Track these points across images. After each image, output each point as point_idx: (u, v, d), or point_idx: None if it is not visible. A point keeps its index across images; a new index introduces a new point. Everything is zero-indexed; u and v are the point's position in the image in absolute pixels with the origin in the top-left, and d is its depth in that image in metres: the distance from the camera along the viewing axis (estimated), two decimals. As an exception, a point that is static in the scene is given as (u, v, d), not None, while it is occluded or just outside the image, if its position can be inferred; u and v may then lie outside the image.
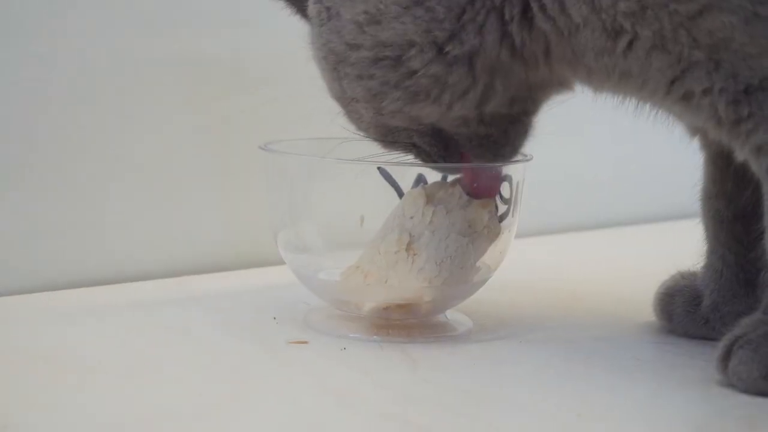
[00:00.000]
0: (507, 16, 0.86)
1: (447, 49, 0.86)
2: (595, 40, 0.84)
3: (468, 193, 0.96)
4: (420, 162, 0.95)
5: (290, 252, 1.01)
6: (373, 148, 0.95)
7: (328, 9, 0.90)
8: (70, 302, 1.07)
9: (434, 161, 0.94)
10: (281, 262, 1.03)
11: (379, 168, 0.97)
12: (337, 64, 0.90)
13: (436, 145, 0.93)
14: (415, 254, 0.94)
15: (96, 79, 1.15)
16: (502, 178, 0.98)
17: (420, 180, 0.98)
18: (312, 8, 0.92)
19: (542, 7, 0.85)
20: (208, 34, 1.21)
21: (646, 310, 1.04)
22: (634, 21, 0.82)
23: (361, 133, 0.96)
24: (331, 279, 0.99)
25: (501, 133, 0.93)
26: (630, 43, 0.83)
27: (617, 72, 0.86)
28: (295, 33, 0.96)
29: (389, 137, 0.94)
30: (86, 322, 1.00)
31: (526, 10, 0.86)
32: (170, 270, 1.20)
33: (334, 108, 0.96)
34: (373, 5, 0.87)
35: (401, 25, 0.86)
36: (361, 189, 0.98)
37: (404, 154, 0.95)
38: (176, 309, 1.05)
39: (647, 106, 0.91)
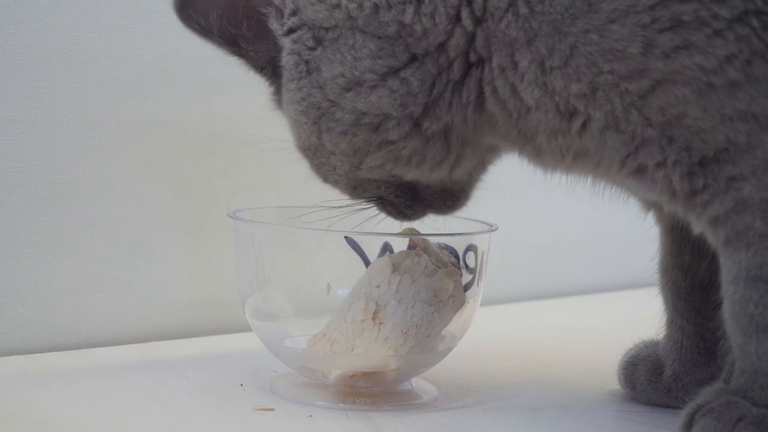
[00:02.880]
0: (465, 100, 0.88)
1: (425, 126, 0.88)
2: (549, 121, 0.86)
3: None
4: (387, 213, 0.97)
5: (257, 319, 1.01)
6: (340, 217, 0.97)
7: (307, 62, 0.89)
8: (38, 366, 1.07)
9: (401, 212, 0.96)
10: (249, 329, 1.03)
11: (346, 237, 0.98)
12: (319, 118, 0.90)
13: (403, 197, 0.95)
14: (381, 323, 0.95)
15: (64, 141, 1.16)
16: (467, 248, 0.99)
17: (386, 249, 0.99)
18: (288, 59, 0.91)
19: (494, 91, 0.87)
20: (177, 98, 1.22)
21: (611, 378, 1.05)
22: (586, 103, 0.84)
23: (327, 184, 0.96)
24: (298, 346, 1.00)
25: (461, 188, 0.96)
26: (584, 124, 0.85)
27: (572, 152, 0.88)
28: (264, 97, 0.97)
29: (358, 190, 0.95)
30: (53, 387, 1.00)
31: (480, 95, 0.88)
32: (138, 335, 1.20)
33: (302, 174, 0.97)
34: (349, 69, 0.88)
35: (377, 98, 0.88)
36: (328, 257, 0.99)
37: (369, 205, 0.97)
38: (144, 375, 1.05)
39: (602, 183, 0.93)
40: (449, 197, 0.97)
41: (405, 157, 0.90)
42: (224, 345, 1.19)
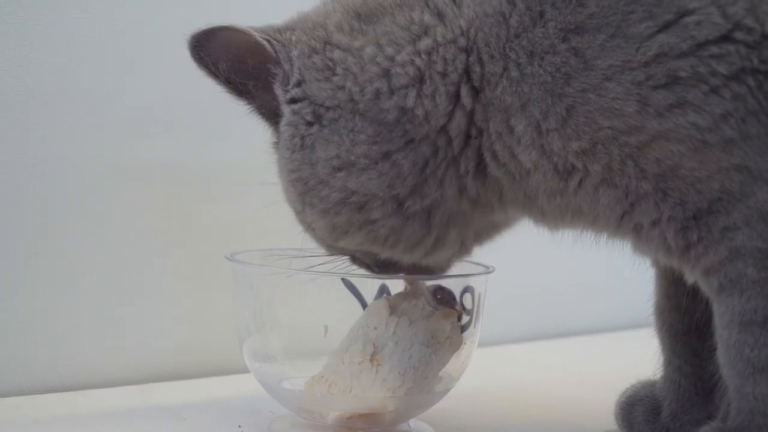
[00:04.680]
0: (462, 170, 0.89)
1: (407, 204, 0.89)
2: (547, 182, 0.87)
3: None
4: (357, 266, 0.97)
5: (255, 361, 1.01)
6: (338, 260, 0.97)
7: (302, 138, 0.90)
8: (36, 407, 1.07)
9: (371, 269, 0.97)
10: (247, 371, 1.03)
11: (343, 279, 0.98)
12: (305, 193, 0.91)
13: (375, 262, 0.96)
14: (378, 364, 0.95)
15: (62, 183, 1.16)
16: (464, 289, 0.99)
17: (383, 291, 1.00)
18: (285, 129, 0.92)
19: (494, 155, 0.88)
20: (175, 141, 1.23)
21: (608, 418, 1.05)
22: (585, 159, 0.85)
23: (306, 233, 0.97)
24: (296, 388, 1.00)
25: (440, 266, 0.97)
26: (580, 182, 0.86)
27: (570, 211, 0.88)
28: (263, 144, 0.98)
29: (333, 249, 0.96)
30: (51, 429, 1.00)
31: (479, 162, 0.89)
32: (136, 377, 1.20)
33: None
34: (345, 152, 0.88)
35: (367, 180, 0.88)
36: (326, 299, 0.99)
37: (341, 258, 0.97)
38: (142, 416, 1.05)
39: (604, 236, 0.93)
40: (428, 270, 0.97)
41: (382, 237, 0.91)
42: (222, 387, 1.19)
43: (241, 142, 1.16)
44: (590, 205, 0.87)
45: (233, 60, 0.92)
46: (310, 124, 0.90)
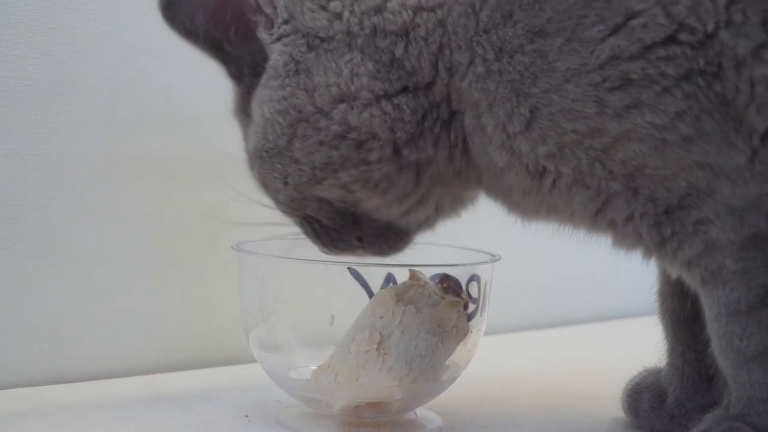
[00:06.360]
0: (452, 140, 0.89)
1: (404, 152, 0.88)
2: (521, 182, 0.87)
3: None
4: (310, 236, 0.95)
5: (262, 350, 1.01)
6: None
7: (297, 63, 0.88)
8: (43, 399, 1.08)
9: (327, 236, 0.94)
10: (253, 360, 1.03)
11: (349, 268, 0.98)
12: (297, 122, 0.88)
13: (338, 222, 0.93)
14: (385, 353, 0.95)
15: (67, 175, 1.16)
16: (470, 278, 0.99)
17: (389, 280, 1.00)
18: (277, 58, 0.89)
19: (474, 145, 0.88)
20: (180, 132, 1.23)
21: (614, 406, 1.05)
22: (555, 161, 0.85)
23: (265, 193, 0.95)
24: (303, 377, 1.00)
25: (405, 232, 0.95)
26: (554, 182, 0.86)
27: (545, 207, 0.89)
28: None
29: (294, 205, 0.93)
30: (58, 420, 1.00)
31: (465, 140, 0.89)
32: (142, 367, 1.20)
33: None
34: (345, 82, 0.87)
35: (369, 117, 0.87)
36: (332, 289, 0.99)
37: (293, 225, 0.96)
38: (148, 407, 1.05)
39: (582, 232, 0.92)
40: (391, 237, 0.95)
41: (374, 180, 0.89)
42: (229, 377, 1.19)
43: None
44: (565, 203, 0.87)
45: (210, 12, 0.90)
46: (304, 52, 0.88)
